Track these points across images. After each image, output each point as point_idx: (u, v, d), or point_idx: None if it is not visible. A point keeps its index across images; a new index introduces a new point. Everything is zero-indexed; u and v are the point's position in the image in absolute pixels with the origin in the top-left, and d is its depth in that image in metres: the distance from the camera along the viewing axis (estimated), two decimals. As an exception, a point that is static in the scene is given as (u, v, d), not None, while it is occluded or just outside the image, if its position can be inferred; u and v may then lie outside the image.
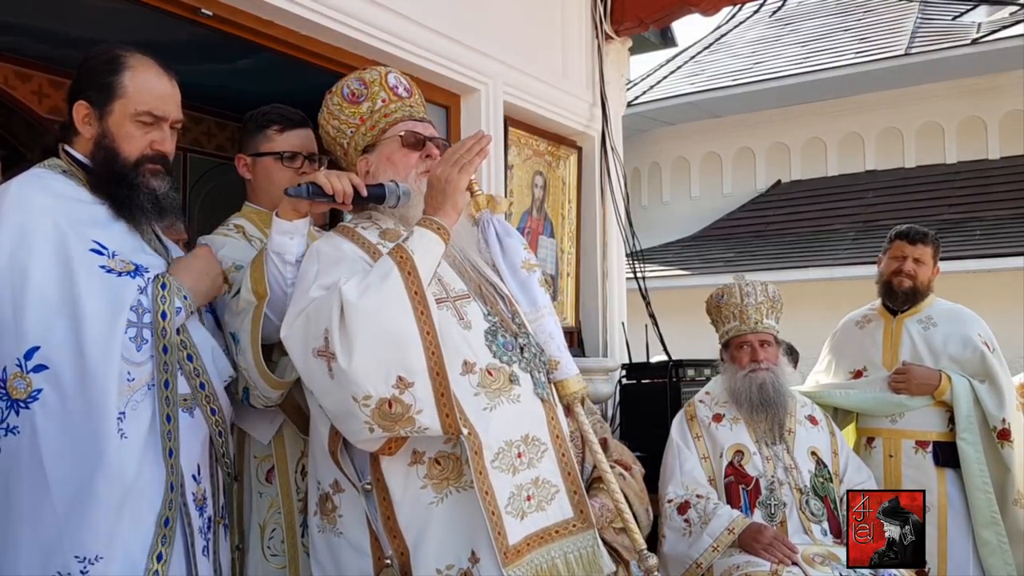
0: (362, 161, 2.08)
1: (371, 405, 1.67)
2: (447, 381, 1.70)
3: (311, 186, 1.92)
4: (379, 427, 1.69)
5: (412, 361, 1.68)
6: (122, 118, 1.84)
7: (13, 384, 1.63)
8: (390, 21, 3.09)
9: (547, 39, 4.03)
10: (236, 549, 2.16)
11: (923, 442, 3.31)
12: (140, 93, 1.84)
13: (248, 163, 2.36)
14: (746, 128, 9.86)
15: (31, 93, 3.77)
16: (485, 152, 1.90)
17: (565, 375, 2.03)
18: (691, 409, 3.21)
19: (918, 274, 3.40)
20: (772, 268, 7.89)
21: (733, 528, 2.80)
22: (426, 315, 1.72)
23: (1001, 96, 8.56)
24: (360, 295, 1.70)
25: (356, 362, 1.65)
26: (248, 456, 2.22)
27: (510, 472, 1.78)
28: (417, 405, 1.68)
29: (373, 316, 1.68)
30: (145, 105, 1.84)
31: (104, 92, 1.83)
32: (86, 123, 1.85)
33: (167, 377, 1.78)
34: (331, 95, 2.10)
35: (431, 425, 1.70)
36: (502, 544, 1.71)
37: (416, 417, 1.68)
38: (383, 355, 1.68)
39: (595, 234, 4.35)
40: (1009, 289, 6.91)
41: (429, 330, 1.71)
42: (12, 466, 1.64)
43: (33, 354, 1.64)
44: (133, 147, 1.85)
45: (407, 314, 1.70)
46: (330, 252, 1.91)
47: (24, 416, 1.63)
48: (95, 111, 1.84)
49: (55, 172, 1.86)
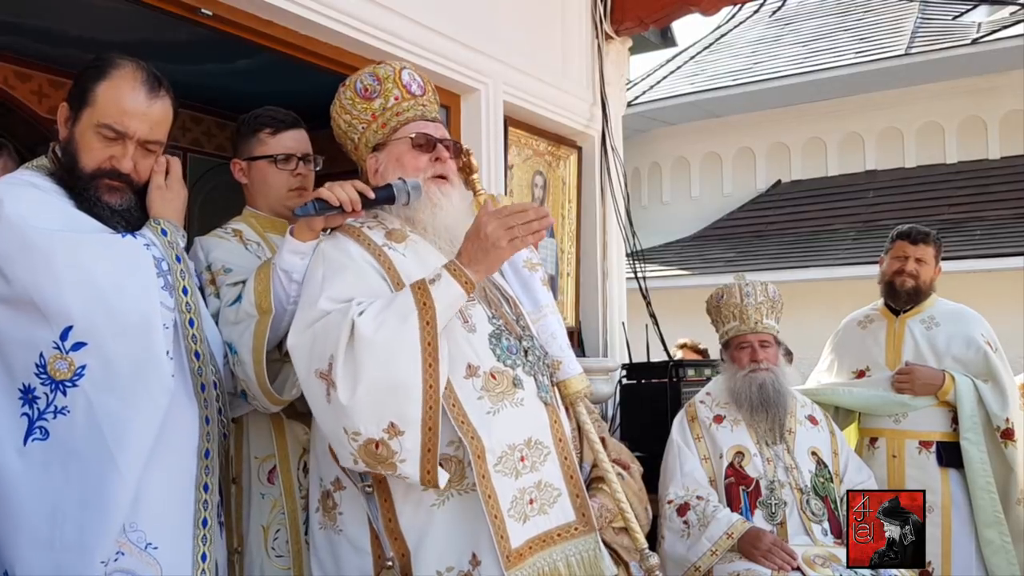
0: (371, 159, 2.06)
1: (359, 441, 1.67)
2: (437, 437, 1.69)
3: (317, 203, 1.91)
4: (363, 462, 1.70)
5: (409, 411, 1.67)
6: (87, 127, 1.81)
7: (55, 366, 1.64)
8: (390, 21, 3.09)
9: (547, 39, 4.03)
10: (235, 552, 2.16)
11: (926, 442, 3.31)
12: (107, 105, 1.80)
13: (243, 167, 2.35)
14: (746, 128, 9.85)
15: (31, 93, 3.76)
16: (542, 235, 1.85)
17: (568, 374, 2.02)
18: (692, 410, 3.20)
19: (920, 274, 3.40)
20: (772, 268, 7.88)
21: (732, 533, 2.80)
22: (434, 367, 1.69)
23: (1001, 96, 8.56)
24: (376, 330, 1.68)
25: (355, 400, 1.65)
26: (248, 458, 2.21)
27: (513, 476, 1.77)
28: (402, 454, 1.67)
29: (382, 358, 1.67)
30: (108, 118, 1.79)
31: (80, 98, 1.82)
32: (64, 125, 1.84)
33: (191, 316, 1.81)
34: (344, 88, 2.08)
35: (411, 475, 1.70)
36: (504, 548, 1.71)
37: (398, 465, 1.68)
38: (382, 399, 1.67)
39: (595, 234, 4.35)
40: (1009, 289, 6.91)
41: (433, 383, 1.69)
42: (69, 447, 1.64)
43: (68, 333, 1.64)
44: (90, 159, 1.82)
45: (415, 364, 1.68)
46: (336, 256, 1.88)
47: (73, 395, 1.64)
48: (71, 114, 1.83)
49: (41, 173, 1.86)
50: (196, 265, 2.17)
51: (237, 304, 2.01)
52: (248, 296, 1.99)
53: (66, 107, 1.84)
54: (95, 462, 1.63)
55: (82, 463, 1.64)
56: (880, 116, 9.19)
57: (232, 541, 2.16)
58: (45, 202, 1.77)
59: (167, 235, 1.86)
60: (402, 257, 1.91)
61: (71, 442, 1.64)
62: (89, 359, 1.64)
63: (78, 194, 1.82)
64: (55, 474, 1.64)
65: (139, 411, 1.67)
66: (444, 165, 2.02)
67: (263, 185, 2.33)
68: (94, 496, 1.63)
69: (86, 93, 1.81)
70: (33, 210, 1.72)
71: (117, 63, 1.84)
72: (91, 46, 3.45)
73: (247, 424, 2.21)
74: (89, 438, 1.64)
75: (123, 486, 1.64)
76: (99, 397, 1.64)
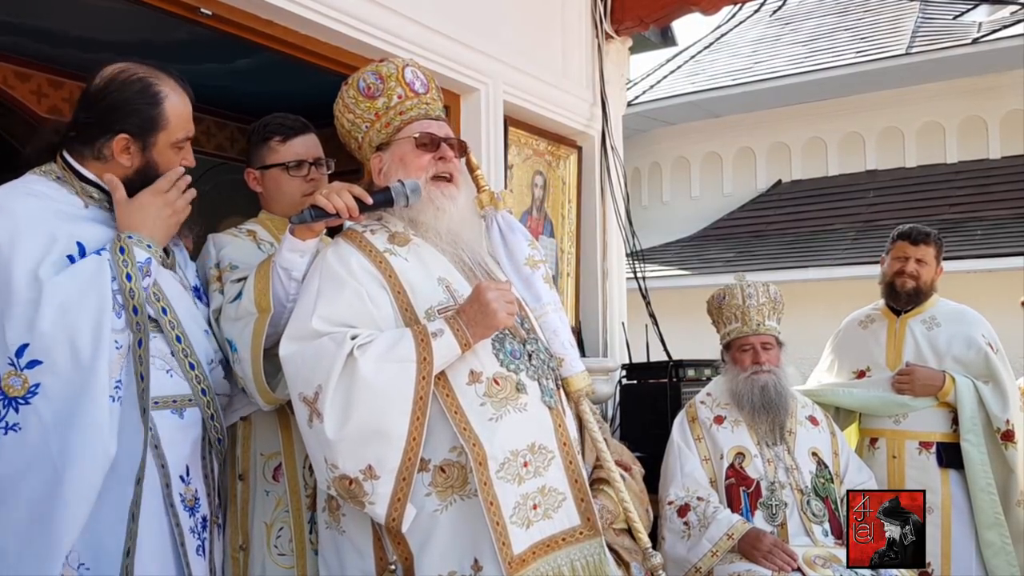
0: (375, 159, 2.06)
1: (335, 473, 1.72)
2: (409, 487, 1.73)
3: (313, 210, 1.91)
4: (335, 490, 1.75)
5: (388, 459, 1.71)
6: (164, 147, 1.90)
7: (8, 383, 1.64)
8: (390, 21, 3.09)
9: (547, 39, 4.02)
10: (240, 549, 2.16)
11: (927, 443, 3.30)
12: (179, 121, 1.91)
13: (257, 177, 2.36)
14: (746, 128, 9.84)
15: (30, 93, 3.76)
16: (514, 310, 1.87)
17: (570, 372, 2.03)
18: (692, 410, 3.20)
19: (921, 274, 3.40)
20: (772, 268, 7.87)
21: (732, 534, 2.79)
22: (421, 420, 1.73)
23: (1001, 96, 8.55)
24: (376, 374, 1.71)
25: (341, 437, 1.69)
26: (254, 454, 2.21)
27: (515, 482, 1.78)
28: (372, 497, 1.71)
29: (377, 404, 1.71)
30: (183, 132, 1.92)
31: (148, 124, 1.87)
32: (125, 154, 1.87)
33: (140, 336, 1.79)
34: (347, 87, 2.07)
35: (376, 517, 1.74)
36: (506, 554, 1.71)
37: (367, 505, 1.73)
38: (367, 441, 1.71)
39: (595, 234, 4.34)
40: (1009, 289, 6.89)
41: (417, 436, 1.73)
42: (17, 465, 1.64)
43: (24, 351, 1.65)
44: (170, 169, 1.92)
45: (405, 416, 1.72)
46: (336, 270, 1.88)
47: (25, 412, 1.64)
48: (137, 143, 1.87)
49: (48, 178, 1.86)
50: (206, 262, 2.19)
51: (238, 301, 2.02)
52: (248, 293, 1.99)
53: (127, 138, 1.85)
54: (42, 482, 1.63)
55: (29, 482, 1.64)
56: (880, 116, 9.18)
57: (237, 538, 2.17)
58: (40, 213, 1.77)
59: (124, 252, 1.80)
60: (404, 262, 1.91)
61: (20, 460, 1.64)
62: (43, 378, 1.65)
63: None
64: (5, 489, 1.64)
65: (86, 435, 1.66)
66: (449, 164, 2.01)
67: (277, 192, 2.34)
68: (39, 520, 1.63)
69: (157, 119, 1.87)
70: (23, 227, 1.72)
71: (158, 79, 1.88)
72: (91, 46, 3.46)
73: (254, 421, 2.21)
74: (37, 456, 1.64)
75: (70, 512, 1.63)
76: (49, 416, 1.64)
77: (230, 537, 2.17)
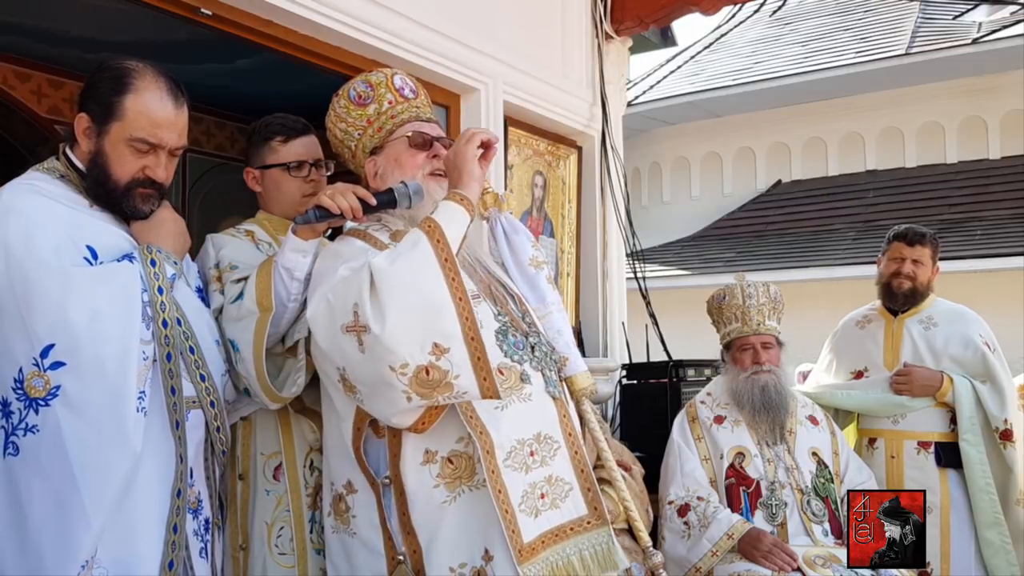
0: (370, 163, 2.09)
1: (408, 373, 1.66)
2: (483, 346, 1.70)
3: (317, 210, 1.92)
4: (417, 395, 1.68)
5: (447, 326, 1.68)
6: (117, 140, 1.81)
7: (31, 383, 1.63)
8: (390, 21, 3.09)
9: (547, 39, 4.02)
10: (240, 549, 2.17)
11: (925, 443, 3.30)
12: (139, 118, 1.80)
13: (257, 176, 2.37)
14: (746, 128, 9.85)
15: (30, 93, 3.77)
16: (489, 136, 1.94)
17: (573, 371, 2.05)
18: (692, 410, 3.20)
19: (917, 275, 3.40)
20: (772, 268, 7.88)
21: (732, 534, 2.80)
22: (457, 281, 1.72)
23: (1001, 96, 8.55)
24: (391, 262, 1.70)
25: (390, 329, 1.64)
26: (255, 454, 2.22)
27: (523, 470, 1.79)
28: (454, 370, 1.67)
29: (406, 281, 1.68)
30: (141, 132, 1.81)
31: (105, 110, 1.81)
32: (85, 136, 1.83)
33: (169, 350, 1.78)
34: (338, 98, 2.10)
35: (469, 389, 1.70)
36: (516, 542, 1.71)
37: (454, 382, 1.68)
38: (418, 321, 1.67)
39: (595, 234, 4.34)
40: (1009, 289, 6.91)
41: (461, 296, 1.71)
42: (33, 466, 1.63)
43: (49, 352, 1.63)
44: (124, 171, 1.83)
45: (439, 279, 1.70)
46: (348, 249, 1.92)
47: (44, 414, 1.63)
48: (94, 127, 1.82)
49: (52, 176, 1.86)
50: (206, 262, 2.19)
51: (239, 301, 2.02)
52: (250, 293, 2.00)
53: (86, 118, 1.82)
54: (56, 488, 1.62)
55: (46, 485, 1.62)
56: (880, 116, 9.18)
57: (237, 537, 2.18)
58: (49, 211, 1.76)
59: (155, 265, 1.81)
60: None
61: (37, 462, 1.63)
62: (65, 380, 1.63)
63: (111, 203, 1.84)
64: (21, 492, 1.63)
65: (109, 442, 1.64)
66: (441, 161, 2.03)
67: (277, 192, 2.35)
68: (54, 521, 1.62)
69: (113, 106, 1.80)
70: (37, 223, 1.71)
71: (137, 72, 1.83)
72: (91, 46, 3.46)
73: (255, 421, 2.21)
74: (54, 460, 1.62)
75: (85, 519, 1.61)
76: (68, 420, 1.63)
77: (230, 537, 2.17)
